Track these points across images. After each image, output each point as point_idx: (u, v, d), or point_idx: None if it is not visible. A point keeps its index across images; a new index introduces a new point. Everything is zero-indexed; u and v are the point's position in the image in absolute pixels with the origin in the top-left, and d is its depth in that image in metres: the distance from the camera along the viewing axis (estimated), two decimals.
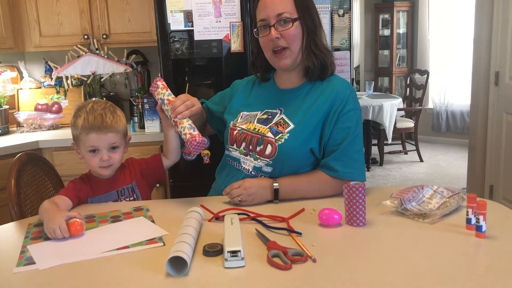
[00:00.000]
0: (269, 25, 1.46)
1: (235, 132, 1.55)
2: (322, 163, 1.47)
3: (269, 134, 1.46)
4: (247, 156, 1.50)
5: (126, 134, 1.58)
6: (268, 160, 1.45)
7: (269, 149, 1.45)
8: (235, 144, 1.54)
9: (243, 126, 1.54)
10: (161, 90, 1.51)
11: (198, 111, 1.51)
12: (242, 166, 1.51)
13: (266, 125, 1.50)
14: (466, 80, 4.94)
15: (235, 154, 1.53)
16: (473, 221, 1.13)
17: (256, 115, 1.55)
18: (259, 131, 1.49)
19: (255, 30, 1.52)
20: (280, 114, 1.51)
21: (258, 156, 1.47)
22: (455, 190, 1.34)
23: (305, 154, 1.46)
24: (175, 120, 1.43)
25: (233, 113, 1.62)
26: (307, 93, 1.52)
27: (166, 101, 1.48)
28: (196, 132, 1.41)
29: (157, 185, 2.26)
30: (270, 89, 1.60)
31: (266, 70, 1.61)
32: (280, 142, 1.44)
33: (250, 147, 1.49)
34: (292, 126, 1.46)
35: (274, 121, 1.50)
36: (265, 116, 1.53)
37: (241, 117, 1.58)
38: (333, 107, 1.46)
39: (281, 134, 1.45)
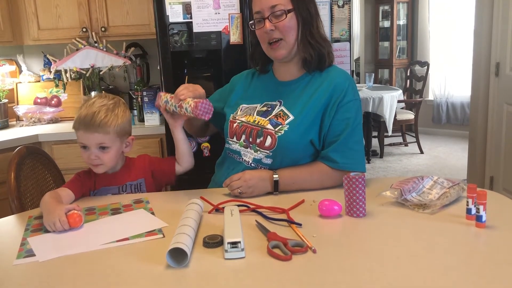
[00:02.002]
0: (264, 18, 1.45)
1: (234, 124, 1.54)
2: (322, 154, 1.47)
3: (269, 126, 1.46)
4: (247, 148, 1.49)
5: (125, 134, 1.52)
6: (268, 151, 1.45)
7: (268, 140, 1.44)
8: (235, 137, 1.53)
9: (243, 119, 1.53)
10: (163, 96, 1.50)
11: (202, 93, 1.47)
12: (242, 158, 1.50)
13: (265, 117, 1.49)
14: (467, 71, 4.92)
15: (235, 146, 1.53)
16: (473, 211, 1.13)
17: (256, 107, 1.55)
18: (259, 123, 1.48)
19: (251, 22, 1.51)
20: (279, 106, 1.51)
21: (258, 148, 1.47)
22: (455, 181, 1.34)
23: (304, 146, 1.46)
24: (179, 104, 1.43)
25: (232, 106, 1.62)
26: (306, 84, 1.51)
27: (169, 99, 1.47)
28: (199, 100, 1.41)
29: None
30: (269, 81, 1.60)
31: (265, 62, 1.61)
32: (279, 134, 1.43)
33: (250, 139, 1.48)
34: (291, 117, 1.46)
35: (273, 113, 1.49)
36: (264, 109, 1.52)
37: (241, 109, 1.57)
38: (332, 98, 1.45)
39: (280, 126, 1.45)
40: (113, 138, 1.47)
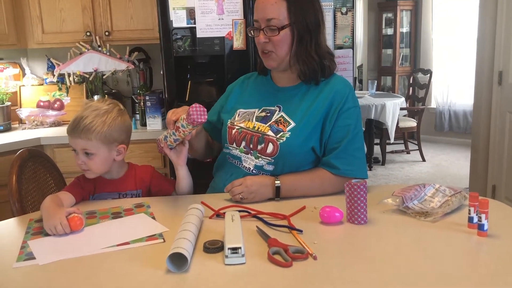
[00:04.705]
0: (260, 28, 1.46)
1: (233, 131, 1.53)
2: (323, 161, 1.47)
3: (270, 133, 1.46)
4: (248, 154, 1.49)
5: (113, 142, 1.46)
6: (269, 158, 1.44)
7: (270, 147, 1.44)
8: (234, 143, 1.52)
9: (242, 125, 1.52)
10: (162, 136, 1.47)
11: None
12: (242, 164, 1.50)
13: (265, 123, 1.49)
14: (469, 79, 4.91)
15: (236, 152, 1.52)
16: (475, 219, 1.12)
17: (254, 112, 1.54)
18: (259, 130, 1.48)
19: (249, 28, 1.51)
20: (279, 111, 1.50)
21: (259, 155, 1.46)
22: (457, 189, 1.33)
23: (306, 153, 1.46)
24: (176, 127, 1.38)
25: (229, 111, 1.60)
26: (305, 91, 1.51)
27: (165, 133, 1.44)
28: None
29: None
30: (266, 86, 1.59)
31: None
32: (281, 141, 1.43)
33: (251, 146, 1.48)
34: (293, 124, 1.45)
35: (273, 119, 1.49)
36: (263, 114, 1.52)
37: (238, 115, 1.56)
38: (333, 105, 1.45)
39: (282, 133, 1.44)
40: (97, 144, 1.43)
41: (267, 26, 1.44)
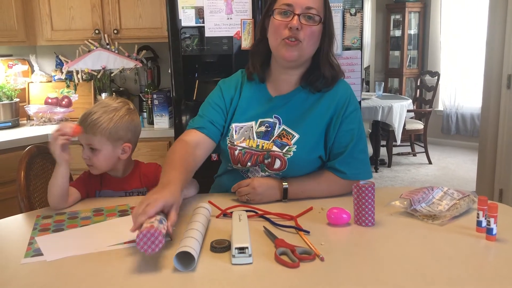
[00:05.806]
0: (294, 13, 1.35)
1: (236, 152, 1.45)
2: (329, 165, 1.46)
3: (275, 148, 1.41)
4: (255, 166, 1.45)
5: (118, 140, 1.47)
6: (277, 172, 1.42)
7: (277, 163, 1.41)
8: (239, 164, 1.46)
9: (244, 144, 1.45)
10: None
11: (159, 207, 1.08)
12: (247, 175, 1.47)
13: (268, 140, 1.43)
14: (477, 82, 4.89)
15: (243, 168, 1.47)
16: (484, 223, 1.12)
17: (252, 127, 1.47)
18: (264, 148, 1.42)
19: (277, 9, 1.38)
20: (279, 124, 1.44)
21: (267, 169, 1.43)
22: (465, 192, 1.32)
23: (313, 162, 1.45)
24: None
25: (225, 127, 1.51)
26: (305, 98, 1.46)
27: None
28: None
29: None
30: (260, 92, 1.50)
31: (262, 65, 1.49)
32: (289, 156, 1.40)
33: (257, 162, 1.44)
34: (297, 136, 1.42)
35: (276, 133, 1.43)
36: (263, 129, 1.45)
37: (235, 131, 1.47)
38: (336, 110, 1.43)
39: (288, 147, 1.41)
40: (101, 141, 1.44)
41: (305, 13, 1.36)
